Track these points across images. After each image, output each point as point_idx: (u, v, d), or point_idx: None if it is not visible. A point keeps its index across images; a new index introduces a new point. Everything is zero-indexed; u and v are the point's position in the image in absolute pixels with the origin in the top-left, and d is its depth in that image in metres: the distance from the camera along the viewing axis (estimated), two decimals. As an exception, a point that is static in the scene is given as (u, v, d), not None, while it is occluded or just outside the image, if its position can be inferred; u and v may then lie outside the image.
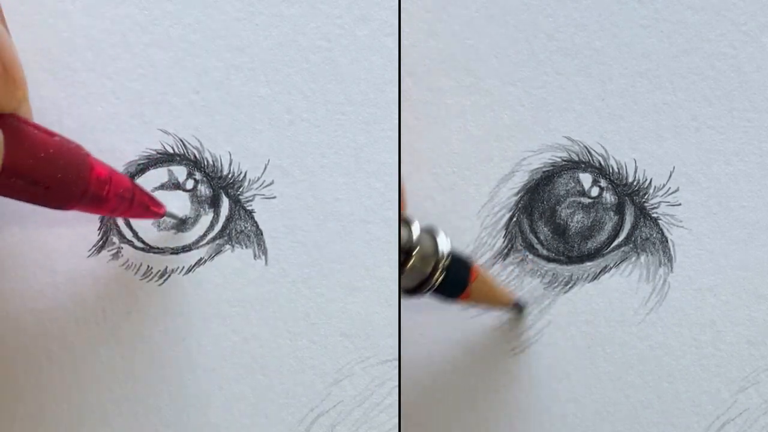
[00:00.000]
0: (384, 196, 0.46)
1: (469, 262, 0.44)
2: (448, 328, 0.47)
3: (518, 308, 0.47)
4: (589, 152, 0.47)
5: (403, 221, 0.43)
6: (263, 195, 0.46)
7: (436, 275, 0.43)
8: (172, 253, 0.46)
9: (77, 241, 0.46)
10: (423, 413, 0.47)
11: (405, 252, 0.43)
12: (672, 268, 0.47)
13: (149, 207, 0.44)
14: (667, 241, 0.47)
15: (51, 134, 0.39)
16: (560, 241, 0.47)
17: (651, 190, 0.47)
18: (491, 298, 0.46)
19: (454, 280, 0.44)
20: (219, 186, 0.46)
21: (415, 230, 0.43)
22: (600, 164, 0.47)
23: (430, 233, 0.44)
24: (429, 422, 0.47)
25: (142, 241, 0.46)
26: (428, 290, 0.43)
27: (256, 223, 0.46)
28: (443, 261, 0.43)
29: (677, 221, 0.47)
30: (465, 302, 0.45)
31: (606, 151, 0.47)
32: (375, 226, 0.46)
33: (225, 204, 0.46)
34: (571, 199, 0.47)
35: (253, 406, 0.46)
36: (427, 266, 0.43)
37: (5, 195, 0.39)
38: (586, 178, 0.47)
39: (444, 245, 0.43)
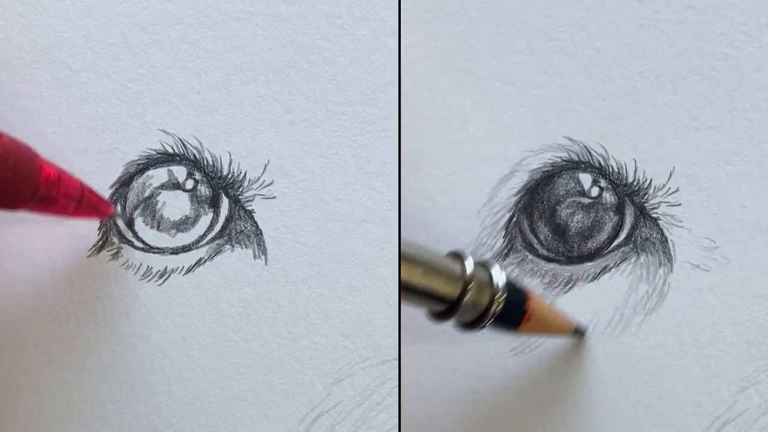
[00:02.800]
0: (384, 196, 0.46)
1: (526, 292, 0.44)
2: (448, 329, 0.47)
3: (579, 334, 0.46)
4: (589, 152, 0.47)
5: (456, 256, 0.42)
6: (263, 195, 0.46)
7: (493, 308, 0.42)
8: (172, 253, 0.46)
9: (77, 241, 0.46)
10: (423, 413, 0.47)
11: (461, 288, 0.42)
12: (672, 268, 0.47)
13: (98, 207, 0.44)
14: (667, 241, 0.47)
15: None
16: (560, 241, 0.47)
17: (651, 190, 0.47)
18: (550, 327, 0.45)
19: (511, 311, 0.43)
20: (219, 186, 0.46)
21: (469, 264, 0.42)
22: (600, 164, 0.47)
23: (483, 266, 0.43)
24: (429, 422, 0.47)
25: (142, 241, 0.46)
26: (485, 323, 0.43)
27: (256, 223, 0.46)
28: (499, 293, 0.42)
29: (677, 221, 0.47)
30: (523, 333, 0.45)
31: (606, 151, 0.47)
32: (375, 226, 0.46)
33: (225, 204, 0.46)
34: (571, 199, 0.47)
35: (253, 406, 0.46)
36: (483, 299, 0.42)
37: None
38: (586, 178, 0.47)
39: (499, 277, 0.42)
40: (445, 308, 0.42)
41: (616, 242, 0.47)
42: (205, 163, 0.46)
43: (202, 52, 0.46)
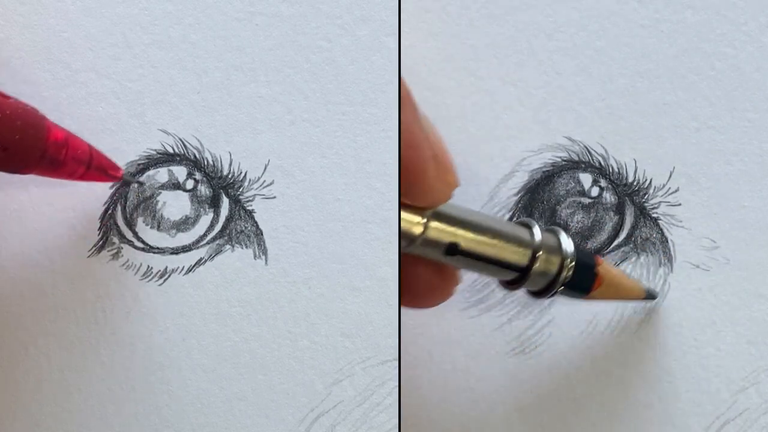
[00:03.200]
0: (384, 196, 0.46)
1: (594, 258, 0.44)
2: (448, 328, 0.47)
3: (651, 297, 0.46)
4: (589, 152, 0.47)
5: (524, 224, 0.42)
6: (263, 195, 0.46)
7: (563, 275, 0.42)
8: (172, 253, 0.46)
9: (77, 241, 0.46)
10: (423, 413, 0.47)
11: (530, 255, 0.42)
12: (672, 268, 0.47)
13: (107, 170, 0.44)
14: (667, 241, 0.47)
15: (6, 96, 0.40)
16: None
17: (651, 190, 0.47)
18: (621, 292, 0.45)
19: (582, 277, 0.43)
20: (219, 186, 0.46)
21: (537, 232, 0.42)
22: (600, 164, 0.47)
23: (552, 233, 0.43)
24: (429, 422, 0.47)
25: (142, 241, 0.46)
26: (556, 291, 0.43)
27: (256, 223, 0.46)
28: (568, 260, 0.42)
29: (677, 221, 0.47)
30: (595, 298, 0.44)
31: (606, 151, 0.47)
32: (375, 226, 0.46)
33: (225, 204, 0.46)
34: (571, 199, 0.47)
35: (253, 406, 0.46)
36: (552, 267, 0.42)
37: None
38: (586, 178, 0.47)
39: (567, 244, 0.42)
40: (515, 276, 0.42)
41: (616, 242, 0.47)
42: (206, 163, 0.46)
43: (202, 52, 0.46)
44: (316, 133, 0.46)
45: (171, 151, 0.46)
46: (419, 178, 0.38)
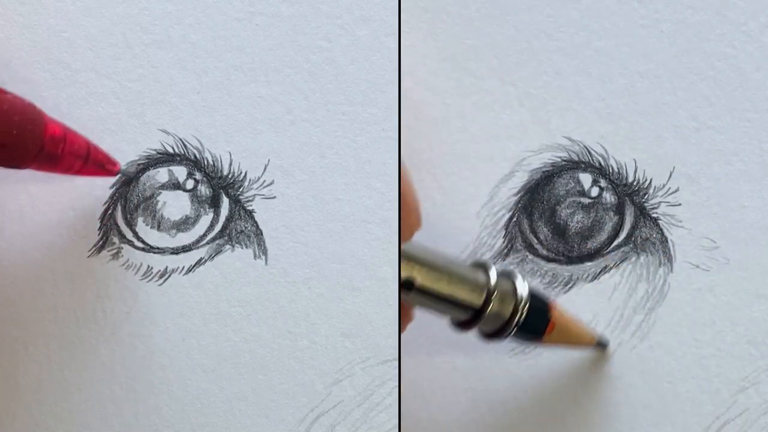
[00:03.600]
0: (384, 196, 0.46)
1: (549, 303, 0.44)
2: (448, 329, 0.47)
3: (601, 346, 0.46)
4: (589, 152, 0.47)
5: (480, 266, 0.43)
6: (263, 195, 0.46)
7: (516, 318, 0.42)
8: (172, 253, 0.46)
9: (77, 241, 0.46)
10: (423, 413, 0.47)
11: (485, 297, 0.42)
12: (672, 268, 0.47)
13: (104, 165, 0.44)
14: (667, 241, 0.47)
15: (4, 92, 0.40)
16: (560, 241, 0.47)
17: (651, 190, 0.47)
18: (573, 338, 0.45)
19: (535, 321, 0.43)
20: (219, 186, 0.46)
21: (493, 274, 0.42)
22: (600, 164, 0.47)
23: (507, 276, 0.43)
24: (429, 422, 0.47)
25: (142, 241, 0.46)
26: (508, 334, 0.43)
27: (256, 223, 0.46)
28: (522, 304, 0.42)
29: (677, 221, 0.47)
30: (546, 344, 0.45)
31: (606, 151, 0.47)
32: (375, 226, 0.46)
33: (225, 204, 0.46)
34: (571, 199, 0.47)
35: (253, 406, 0.46)
36: (506, 309, 0.42)
37: None
38: (586, 178, 0.47)
39: (522, 287, 0.43)
40: (468, 317, 0.42)
41: (616, 242, 0.47)
42: (206, 163, 0.46)
43: (202, 52, 0.46)
44: (316, 133, 0.46)
45: (171, 151, 0.46)
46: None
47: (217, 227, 0.46)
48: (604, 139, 0.47)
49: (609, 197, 0.47)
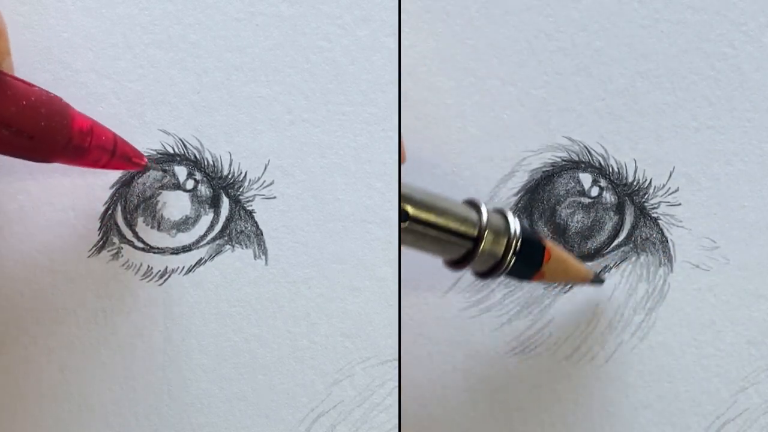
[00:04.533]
0: (384, 196, 0.46)
1: (542, 240, 0.44)
2: (448, 328, 0.47)
3: (598, 281, 0.46)
4: (589, 152, 0.47)
5: (470, 203, 0.43)
6: (263, 195, 0.46)
7: (509, 256, 0.42)
8: (172, 253, 0.46)
9: (77, 241, 0.46)
10: (423, 413, 0.47)
11: (476, 235, 0.42)
12: (672, 267, 0.47)
13: (131, 158, 0.44)
14: (667, 241, 0.47)
15: (30, 84, 0.40)
16: (560, 241, 0.47)
17: (651, 190, 0.47)
18: (569, 272, 0.45)
19: (528, 259, 0.43)
20: (219, 186, 0.46)
21: (484, 212, 0.42)
22: (600, 164, 0.47)
23: (499, 213, 0.43)
24: (429, 422, 0.47)
25: (143, 241, 0.46)
26: (502, 272, 0.42)
27: (256, 223, 0.46)
28: (515, 240, 0.42)
29: (677, 221, 0.47)
30: (541, 281, 0.44)
31: (606, 151, 0.47)
32: (375, 226, 0.46)
33: (225, 204, 0.46)
34: (571, 199, 0.47)
35: (253, 406, 0.46)
36: (498, 247, 0.42)
37: None
38: (586, 178, 0.47)
39: (515, 224, 0.42)
40: (461, 255, 0.42)
41: (616, 242, 0.47)
42: (206, 163, 0.46)
43: (202, 52, 0.46)
44: (316, 133, 0.46)
45: (171, 151, 0.46)
46: None
47: (217, 227, 0.46)
48: (604, 139, 0.47)
49: (609, 197, 0.47)
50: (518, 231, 0.42)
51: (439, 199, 0.42)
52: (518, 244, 0.42)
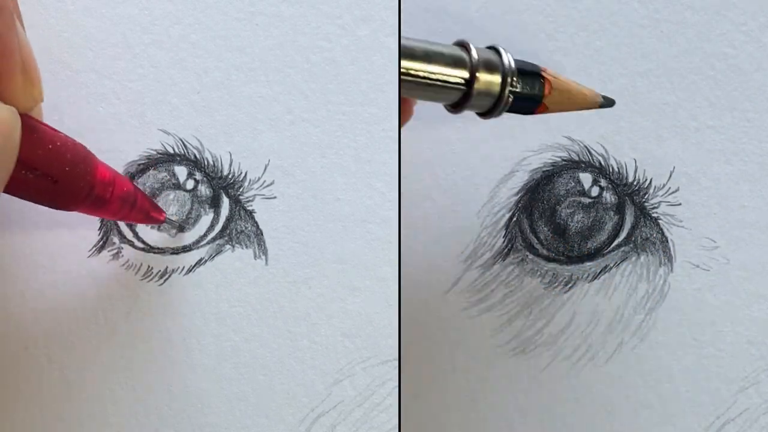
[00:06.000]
0: (384, 196, 0.46)
1: (539, 69, 0.42)
2: (448, 328, 0.47)
3: (608, 104, 0.44)
4: (589, 152, 0.47)
5: (459, 45, 0.41)
6: (263, 195, 0.46)
7: (506, 91, 0.41)
8: (172, 253, 0.46)
9: (77, 241, 0.46)
10: (423, 413, 0.47)
11: (468, 77, 0.40)
12: (672, 267, 0.47)
13: (149, 213, 0.44)
14: (667, 241, 0.47)
15: (55, 130, 0.40)
16: (560, 240, 0.47)
17: (651, 190, 0.47)
18: (575, 98, 0.43)
19: (529, 86, 0.41)
20: (219, 186, 0.46)
21: (474, 50, 0.40)
22: (600, 164, 0.47)
23: (492, 50, 0.41)
24: (429, 422, 0.47)
25: (143, 242, 0.46)
26: (502, 110, 0.41)
27: (256, 223, 0.46)
28: (510, 76, 0.41)
29: (677, 221, 0.47)
30: (548, 111, 0.43)
31: (606, 151, 0.47)
32: (375, 226, 0.46)
33: (225, 204, 0.46)
34: (571, 198, 0.47)
35: (253, 406, 0.46)
36: (494, 85, 0.41)
37: (16, 191, 0.39)
38: (586, 178, 0.47)
39: (507, 57, 0.41)
40: (459, 96, 0.41)
41: (616, 242, 0.47)
42: (206, 163, 0.46)
43: (202, 52, 0.46)
44: (316, 133, 0.46)
45: (171, 151, 0.46)
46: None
47: (218, 227, 0.46)
48: (604, 139, 0.47)
49: (609, 197, 0.47)
50: (512, 65, 0.41)
51: (426, 45, 0.40)
52: (514, 79, 0.41)
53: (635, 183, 0.47)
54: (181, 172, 0.46)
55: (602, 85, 0.47)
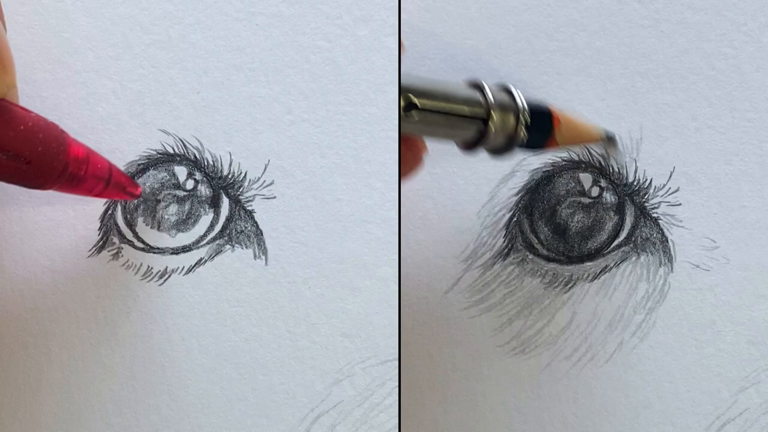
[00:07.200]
0: (384, 196, 0.46)
1: (549, 107, 0.44)
2: (448, 328, 0.47)
3: (610, 139, 0.46)
4: (589, 152, 0.47)
5: (473, 84, 0.43)
6: (263, 195, 0.46)
7: (520, 129, 0.43)
8: (172, 253, 0.46)
9: (77, 241, 0.46)
10: (423, 413, 0.47)
11: (484, 115, 0.42)
12: (672, 267, 0.47)
13: (125, 188, 0.44)
14: (667, 241, 0.47)
15: (27, 110, 0.40)
16: (560, 241, 0.47)
17: (651, 190, 0.47)
18: (579, 138, 0.45)
19: (540, 124, 0.43)
20: (219, 186, 0.46)
21: (488, 90, 0.42)
22: (600, 164, 0.47)
23: (502, 89, 0.43)
24: (429, 422, 0.47)
25: (142, 241, 0.46)
26: (516, 145, 0.43)
27: (256, 223, 0.46)
28: (523, 113, 0.43)
29: (677, 221, 0.47)
30: (557, 147, 0.45)
31: (606, 151, 0.47)
32: (375, 226, 0.46)
33: (225, 204, 0.46)
34: (572, 199, 0.47)
35: (253, 406, 0.46)
36: (508, 123, 0.43)
37: None
38: (586, 178, 0.47)
39: (519, 96, 0.43)
40: (473, 136, 0.43)
41: (616, 242, 0.47)
42: (206, 163, 0.46)
43: (202, 52, 0.46)
44: (316, 133, 0.46)
45: (171, 151, 0.46)
46: None
47: (217, 227, 0.46)
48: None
49: (609, 197, 0.47)
50: (525, 104, 0.43)
51: (441, 84, 0.42)
52: (527, 116, 0.43)
53: (635, 183, 0.47)
54: (181, 172, 0.46)
55: (602, 85, 0.47)
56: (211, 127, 0.46)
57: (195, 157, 0.46)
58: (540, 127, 0.44)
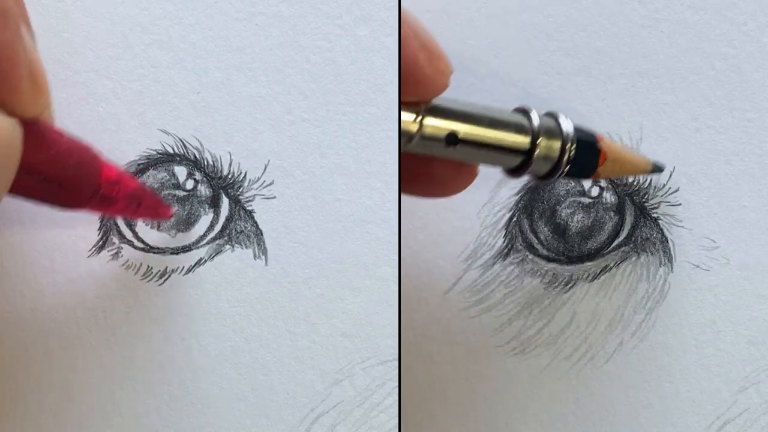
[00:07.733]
0: (384, 196, 0.46)
1: (596, 135, 0.44)
2: (448, 328, 0.47)
3: (658, 170, 0.46)
4: (589, 152, 0.47)
5: (520, 110, 0.43)
6: (263, 195, 0.46)
7: (566, 155, 0.42)
8: (172, 253, 0.46)
9: (77, 241, 0.46)
10: (423, 413, 0.47)
11: (531, 140, 0.42)
12: (672, 267, 0.47)
13: (156, 210, 0.44)
14: (667, 241, 0.47)
15: (61, 134, 0.40)
16: (560, 241, 0.47)
17: (651, 190, 0.47)
18: (627, 167, 0.45)
19: (585, 156, 0.43)
20: (219, 186, 0.46)
21: (535, 116, 0.42)
22: (600, 164, 0.47)
23: (550, 117, 0.43)
24: (429, 422, 0.47)
25: (142, 241, 0.46)
26: (561, 173, 0.43)
27: (256, 223, 0.46)
28: (570, 139, 0.42)
29: (677, 221, 0.47)
30: (601, 177, 0.45)
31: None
32: (375, 226, 0.46)
33: (225, 204, 0.46)
34: (571, 199, 0.47)
35: (253, 406, 0.46)
36: (554, 149, 0.42)
37: (19, 194, 0.39)
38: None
39: (567, 124, 0.43)
40: (518, 163, 0.42)
41: (616, 242, 0.47)
42: (206, 163, 0.46)
43: (202, 52, 0.46)
44: (316, 133, 0.46)
45: (171, 151, 0.46)
46: (412, 70, 0.38)
47: (217, 227, 0.46)
48: (603, 139, 0.47)
49: (609, 197, 0.47)
50: (571, 133, 0.43)
51: (489, 111, 0.42)
52: (573, 146, 0.43)
53: (635, 183, 0.47)
54: (180, 172, 0.46)
55: (602, 85, 0.47)
56: (211, 127, 0.46)
57: (195, 157, 0.46)
58: (584, 161, 0.43)
